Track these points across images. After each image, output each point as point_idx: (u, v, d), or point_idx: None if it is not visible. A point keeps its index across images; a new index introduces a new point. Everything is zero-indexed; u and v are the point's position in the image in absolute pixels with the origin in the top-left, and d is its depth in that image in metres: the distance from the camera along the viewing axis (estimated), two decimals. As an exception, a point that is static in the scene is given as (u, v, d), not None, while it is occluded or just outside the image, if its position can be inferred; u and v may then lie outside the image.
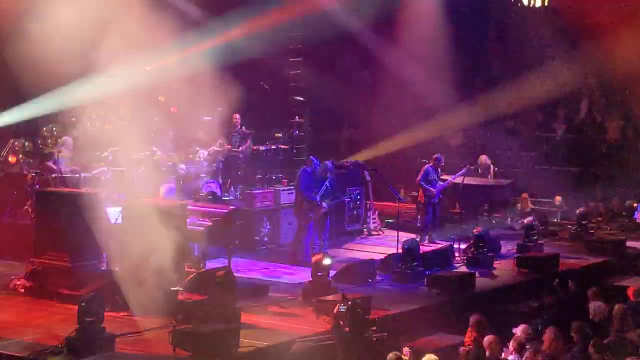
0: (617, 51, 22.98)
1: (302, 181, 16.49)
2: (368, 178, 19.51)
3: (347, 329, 11.08)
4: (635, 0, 22.75)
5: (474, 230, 17.18)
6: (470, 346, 11.27)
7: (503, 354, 11.03)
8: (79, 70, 15.51)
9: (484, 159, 20.36)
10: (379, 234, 19.45)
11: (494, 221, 20.02)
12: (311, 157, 17.07)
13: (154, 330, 11.96)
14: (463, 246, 17.23)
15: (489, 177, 20.19)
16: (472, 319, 11.75)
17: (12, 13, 16.17)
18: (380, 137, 21.72)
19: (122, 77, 16.35)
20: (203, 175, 17.69)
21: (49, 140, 17.28)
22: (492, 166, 20.25)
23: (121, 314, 12.55)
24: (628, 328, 11.63)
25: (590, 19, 23.17)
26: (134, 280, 12.88)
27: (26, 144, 17.53)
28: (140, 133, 18.09)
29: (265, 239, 17.43)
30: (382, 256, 16.42)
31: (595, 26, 23.16)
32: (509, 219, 20.23)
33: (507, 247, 17.90)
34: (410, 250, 15.37)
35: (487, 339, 11.03)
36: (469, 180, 19.01)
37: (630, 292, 13.08)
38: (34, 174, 16.12)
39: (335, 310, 11.55)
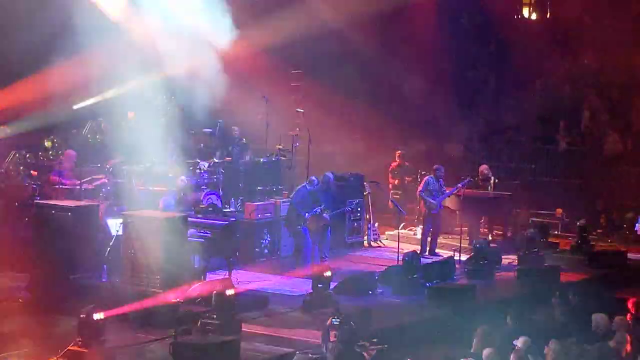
0: (617, 62, 23.07)
1: (298, 196, 16.54)
2: (368, 190, 19.50)
3: (337, 342, 11.03)
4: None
5: (475, 242, 17.17)
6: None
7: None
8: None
9: (484, 169, 20.34)
10: (379, 246, 19.43)
11: (494, 233, 20.00)
12: (312, 177, 17.07)
13: (154, 342, 11.96)
14: (464, 258, 17.22)
15: (489, 188, 20.15)
16: (479, 330, 11.73)
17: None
18: (380, 149, 21.77)
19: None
20: (203, 187, 17.68)
21: (50, 152, 17.29)
22: (492, 178, 20.22)
23: (122, 325, 12.54)
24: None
25: (590, 30, 23.27)
26: (134, 292, 12.89)
27: (27, 155, 17.54)
28: (140, 145, 18.17)
29: (266, 250, 17.41)
30: (383, 268, 16.41)
31: (595, 37, 23.26)
32: None
33: (508, 259, 17.87)
34: (410, 262, 15.37)
35: (486, 351, 10.99)
36: (469, 192, 18.99)
37: (630, 304, 13.05)
38: (35, 186, 16.14)
39: (327, 323, 11.54)
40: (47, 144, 17.82)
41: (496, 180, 20.25)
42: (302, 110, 20.08)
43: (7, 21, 16.75)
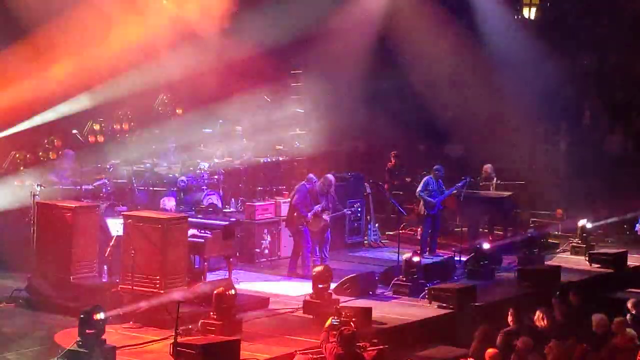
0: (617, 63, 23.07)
1: (298, 195, 16.53)
2: (369, 190, 19.50)
3: (336, 342, 11.02)
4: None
5: (475, 243, 17.16)
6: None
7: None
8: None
9: (488, 168, 20.29)
10: (379, 246, 19.44)
11: (494, 233, 19.99)
12: (310, 175, 17.06)
13: (154, 343, 11.97)
14: (464, 258, 17.22)
15: (491, 188, 20.14)
16: (479, 330, 11.73)
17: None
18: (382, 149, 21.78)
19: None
20: (204, 187, 17.69)
21: (50, 152, 17.30)
22: (495, 178, 20.20)
23: (122, 326, 12.55)
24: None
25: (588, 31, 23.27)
26: (134, 292, 12.89)
27: (27, 155, 17.54)
28: (141, 145, 18.19)
29: (266, 251, 17.41)
30: (383, 268, 16.41)
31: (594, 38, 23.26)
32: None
33: (508, 259, 17.87)
34: (411, 262, 15.36)
35: (489, 353, 10.98)
36: (469, 193, 18.98)
37: (630, 305, 13.07)
38: (35, 186, 16.13)
39: (327, 324, 11.54)
40: (47, 143, 17.78)
41: (498, 181, 20.25)
42: (302, 111, 20.08)
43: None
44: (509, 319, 12.47)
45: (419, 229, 19.06)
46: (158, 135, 18.91)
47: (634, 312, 12.87)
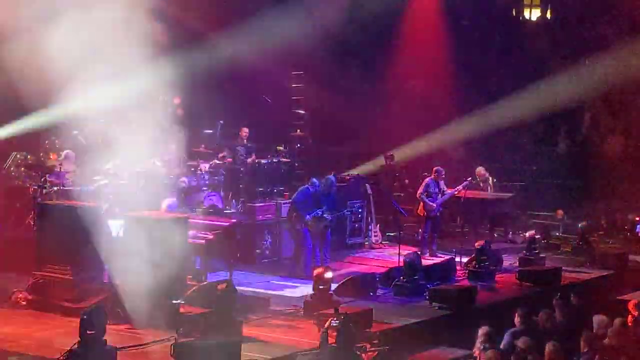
0: (618, 64, 23.06)
1: (299, 195, 16.55)
2: (369, 191, 19.52)
3: (335, 343, 11.01)
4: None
5: (476, 244, 17.18)
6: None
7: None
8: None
9: (481, 170, 20.30)
10: (380, 247, 19.45)
11: (495, 235, 20.00)
12: (313, 179, 17.08)
13: (155, 344, 11.98)
14: (465, 259, 17.23)
15: (488, 189, 20.15)
16: (481, 331, 11.72)
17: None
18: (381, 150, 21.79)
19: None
20: (205, 188, 17.69)
21: (51, 153, 17.30)
22: (490, 178, 20.21)
23: (123, 327, 12.56)
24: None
25: (591, 31, 23.27)
26: (135, 293, 12.89)
27: (28, 156, 17.55)
28: (142, 146, 18.17)
29: (267, 252, 17.43)
30: (384, 269, 16.42)
31: (597, 38, 23.26)
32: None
33: (509, 260, 17.89)
34: (411, 263, 15.38)
35: (489, 354, 10.98)
36: (469, 194, 19.00)
37: (630, 306, 13.06)
38: (35, 187, 16.15)
39: (326, 325, 11.53)
40: (48, 144, 17.76)
41: (495, 180, 20.27)
42: (303, 112, 20.10)
43: None
44: (516, 319, 12.45)
45: (420, 230, 19.07)
46: (159, 135, 18.88)
47: (635, 313, 12.86)
